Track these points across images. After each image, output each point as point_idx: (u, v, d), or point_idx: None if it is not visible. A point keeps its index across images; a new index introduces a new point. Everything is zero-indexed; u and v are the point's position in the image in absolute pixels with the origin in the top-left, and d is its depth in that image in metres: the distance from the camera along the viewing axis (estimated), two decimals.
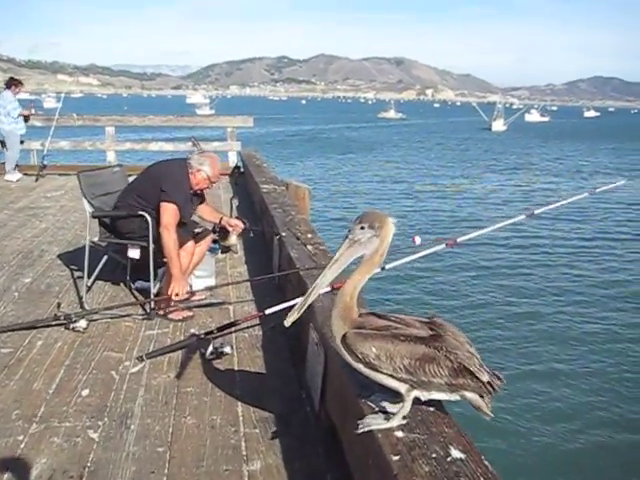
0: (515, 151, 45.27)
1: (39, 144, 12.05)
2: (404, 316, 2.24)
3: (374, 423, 2.14)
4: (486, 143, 53.20)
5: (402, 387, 2.11)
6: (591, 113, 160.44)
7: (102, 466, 2.71)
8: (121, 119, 13.16)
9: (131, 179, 5.09)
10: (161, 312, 4.53)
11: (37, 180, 11.01)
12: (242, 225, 5.05)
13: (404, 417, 2.18)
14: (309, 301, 2.20)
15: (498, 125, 74.45)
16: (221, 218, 5.04)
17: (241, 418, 3.15)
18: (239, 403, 3.30)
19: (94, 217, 4.68)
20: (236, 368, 3.74)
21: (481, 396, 2.13)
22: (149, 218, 4.45)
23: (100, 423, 3.07)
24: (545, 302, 11.37)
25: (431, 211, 20.45)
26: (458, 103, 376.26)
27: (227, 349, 3.83)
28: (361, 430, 2.12)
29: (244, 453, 2.84)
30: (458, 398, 2.15)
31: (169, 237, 4.40)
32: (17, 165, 11.36)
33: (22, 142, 11.65)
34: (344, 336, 2.14)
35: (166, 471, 2.69)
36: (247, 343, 4.10)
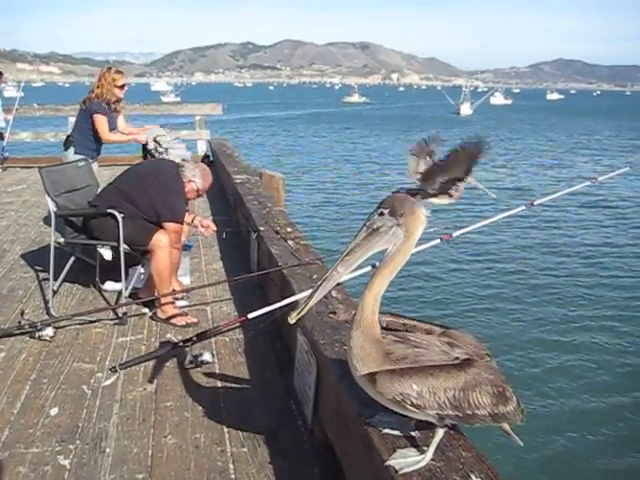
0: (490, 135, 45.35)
1: None
2: (416, 323, 1.98)
3: (410, 463, 1.85)
4: (459, 128, 52.85)
5: (432, 418, 1.84)
6: (554, 96, 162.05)
7: None
8: None
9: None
10: (163, 317, 4.24)
11: None
12: (214, 226, 4.79)
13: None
14: (318, 297, 1.85)
15: (465, 109, 74.97)
16: (193, 218, 4.77)
17: (227, 435, 2.89)
18: (224, 418, 3.03)
19: (58, 216, 4.35)
20: (218, 378, 3.46)
21: (509, 423, 1.91)
22: (119, 216, 4.14)
23: (71, 447, 2.78)
24: (548, 300, 10.77)
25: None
26: (424, 87, 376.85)
27: (207, 357, 3.54)
28: (401, 473, 1.82)
29: (233, 477, 2.58)
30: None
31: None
32: None
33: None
34: (373, 378, 1.79)
35: None
36: (228, 348, 3.82)
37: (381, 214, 1.79)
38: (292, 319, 1.88)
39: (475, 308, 10.24)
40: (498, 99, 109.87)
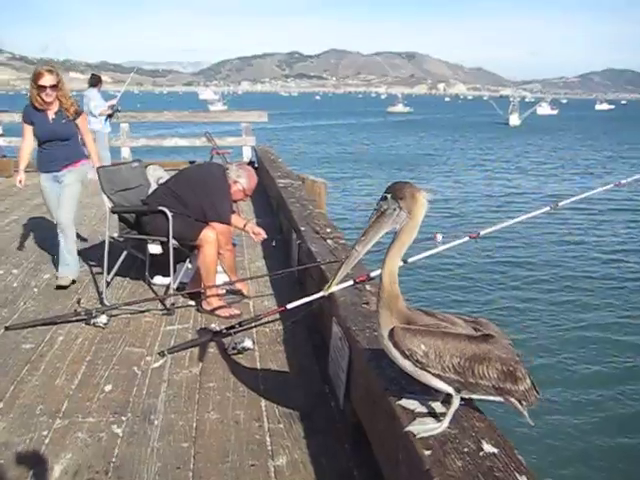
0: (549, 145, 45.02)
1: None
2: (448, 314, 2.17)
3: (428, 429, 2.04)
4: (515, 139, 51.79)
5: (449, 389, 2.03)
6: (604, 106, 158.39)
7: (127, 461, 2.70)
8: (135, 115, 13.09)
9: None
10: (208, 308, 4.52)
11: None
12: (265, 234, 4.90)
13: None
14: (343, 272, 2.09)
15: (514, 119, 74.20)
16: (245, 224, 4.88)
17: (265, 413, 3.13)
18: (262, 398, 3.28)
19: (113, 212, 4.67)
20: (258, 363, 3.72)
21: (520, 402, 2.07)
22: (169, 213, 4.43)
23: (124, 418, 3.06)
24: (572, 298, 11.11)
25: (455, 204, 20.05)
26: (470, 97, 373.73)
27: (248, 343, 3.80)
28: (419, 437, 2.01)
29: (269, 448, 2.82)
30: (501, 400, 2.05)
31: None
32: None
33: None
34: (391, 331, 2.00)
35: (191, 466, 2.67)
36: (268, 338, 4.08)
37: (384, 198, 2.00)
38: (326, 291, 2.21)
39: (499, 303, 10.71)
40: (544, 109, 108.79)
